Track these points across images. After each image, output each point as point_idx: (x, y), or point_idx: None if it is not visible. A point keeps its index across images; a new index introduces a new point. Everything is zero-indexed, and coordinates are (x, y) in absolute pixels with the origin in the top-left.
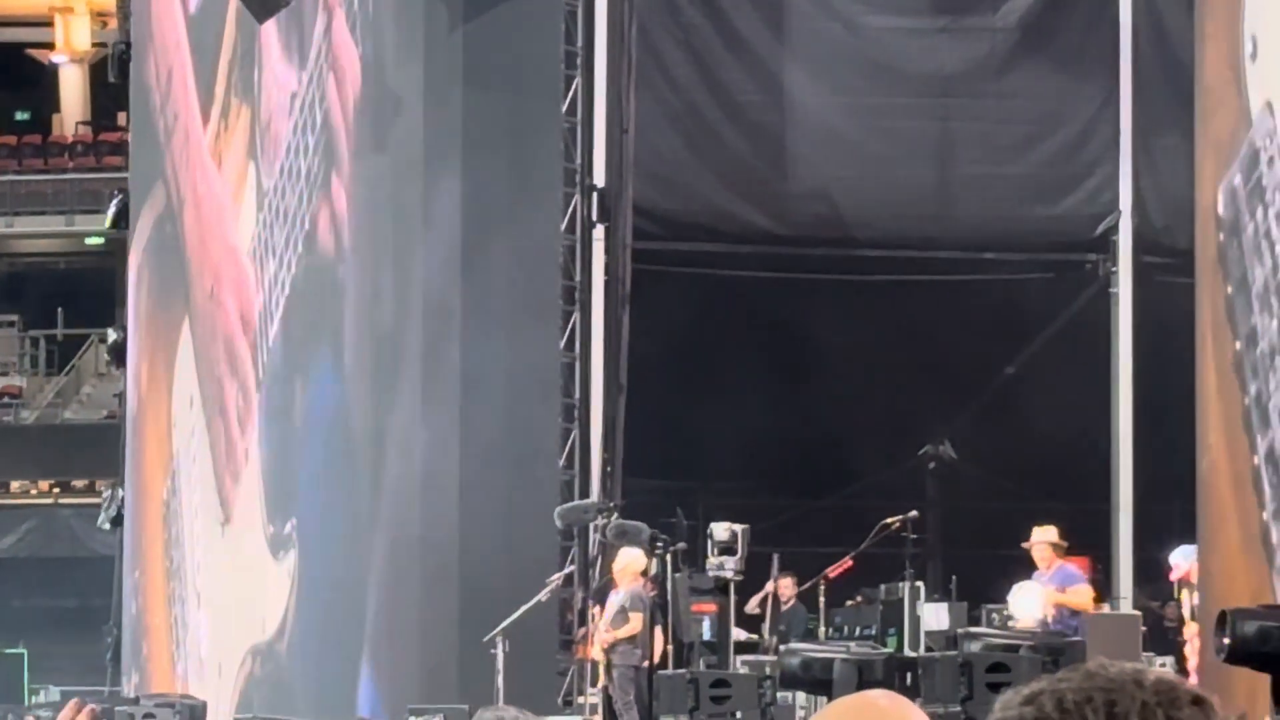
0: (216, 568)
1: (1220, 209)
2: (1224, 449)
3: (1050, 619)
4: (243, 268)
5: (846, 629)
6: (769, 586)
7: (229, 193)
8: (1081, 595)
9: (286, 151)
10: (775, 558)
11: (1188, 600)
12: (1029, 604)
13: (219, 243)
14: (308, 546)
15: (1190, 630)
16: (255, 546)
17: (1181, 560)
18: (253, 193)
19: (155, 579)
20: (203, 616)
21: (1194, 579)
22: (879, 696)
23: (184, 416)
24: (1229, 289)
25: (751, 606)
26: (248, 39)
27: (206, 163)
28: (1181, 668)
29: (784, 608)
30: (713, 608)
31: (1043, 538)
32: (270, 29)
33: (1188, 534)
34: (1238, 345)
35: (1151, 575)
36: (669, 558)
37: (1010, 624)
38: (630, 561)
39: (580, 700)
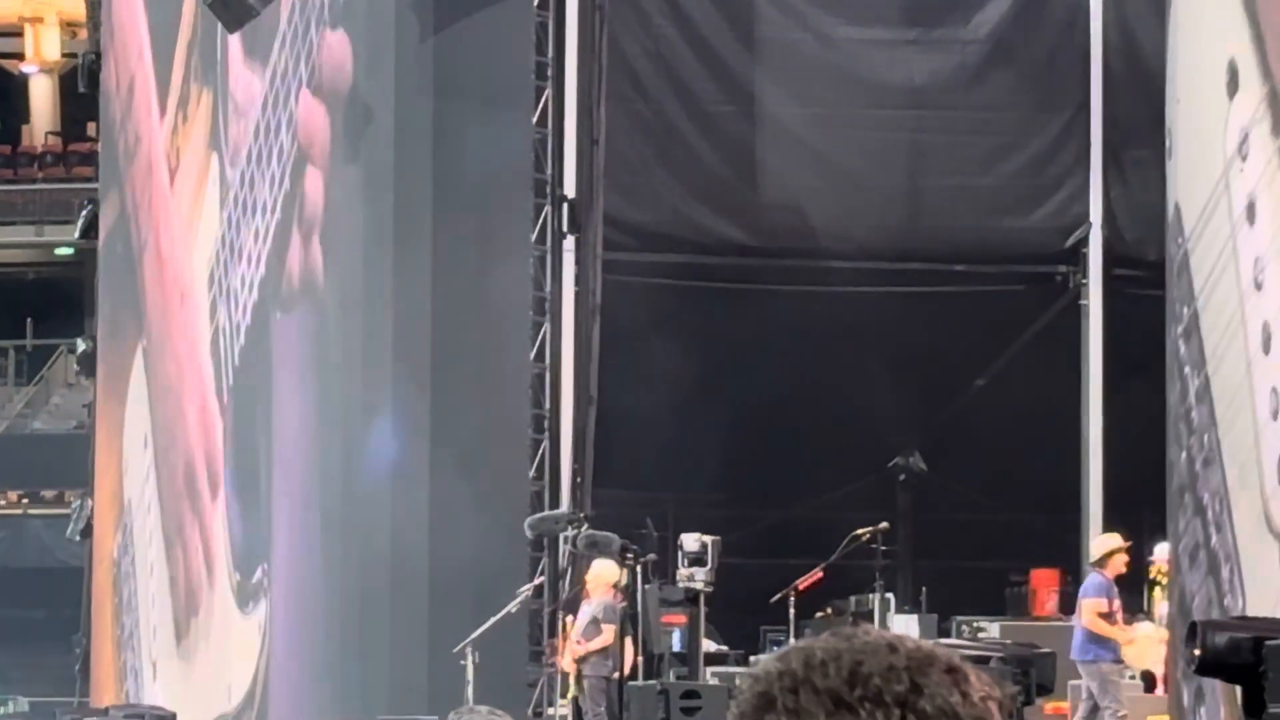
0: (174, 632)
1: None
2: None
3: None
4: (209, 395)
5: None
6: None
7: (189, 194)
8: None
9: (256, 134)
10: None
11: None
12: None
13: (187, 344)
14: (280, 593)
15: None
16: (221, 602)
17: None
18: (215, 187)
19: (104, 651)
20: (158, 690)
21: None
22: None
23: (136, 458)
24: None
25: None
26: (210, 16)
27: (171, 212)
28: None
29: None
30: (683, 619)
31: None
32: None
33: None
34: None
35: (1122, 586)
36: (639, 569)
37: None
38: (603, 572)
39: (550, 711)
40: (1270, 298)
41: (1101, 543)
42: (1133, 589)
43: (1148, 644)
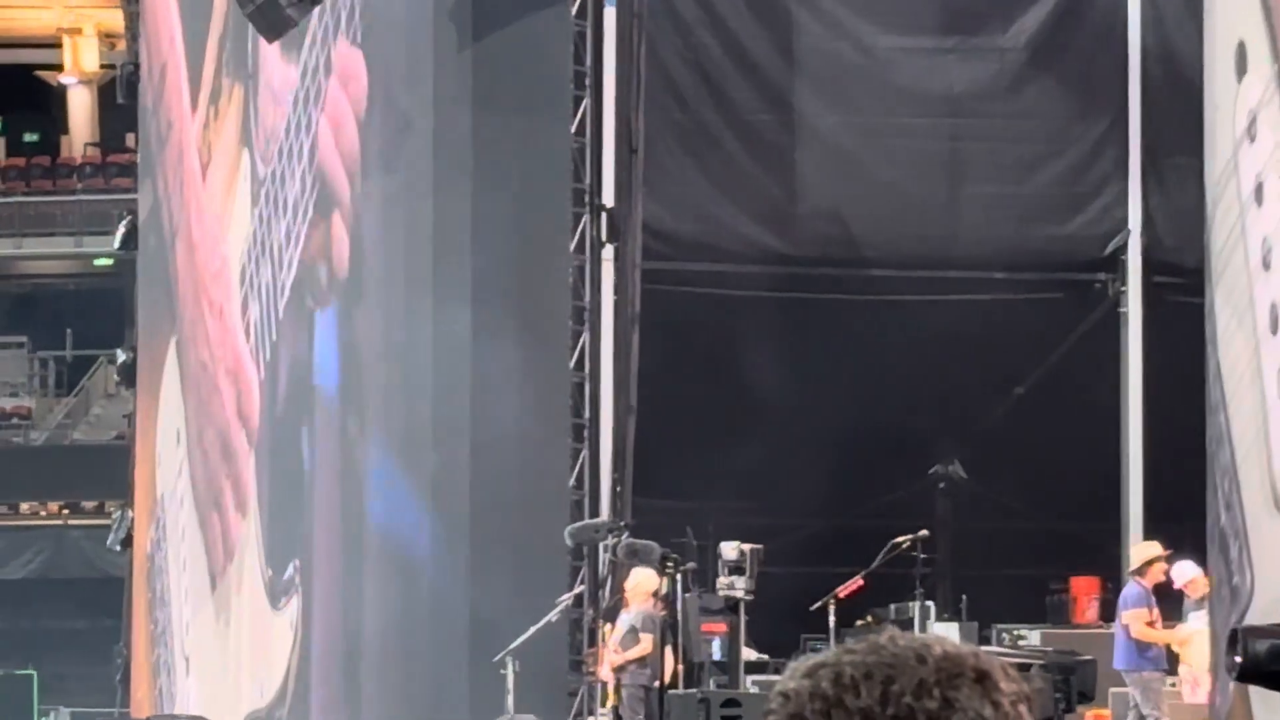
0: (207, 626)
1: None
2: None
3: None
4: (242, 354)
5: None
6: None
7: (221, 189)
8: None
9: (287, 131)
10: None
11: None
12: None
13: (217, 318)
14: (312, 589)
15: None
16: (253, 599)
17: (1188, 571)
18: (246, 183)
19: (139, 645)
20: (192, 685)
21: (1193, 593)
22: None
23: (169, 454)
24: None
25: None
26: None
27: (203, 201)
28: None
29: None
30: (723, 628)
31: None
32: None
33: (1198, 554)
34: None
35: (1162, 596)
36: (679, 577)
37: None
38: (643, 581)
39: None
40: (1278, 277)
41: (1141, 551)
42: (1172, 599)
43: (1202, 640)
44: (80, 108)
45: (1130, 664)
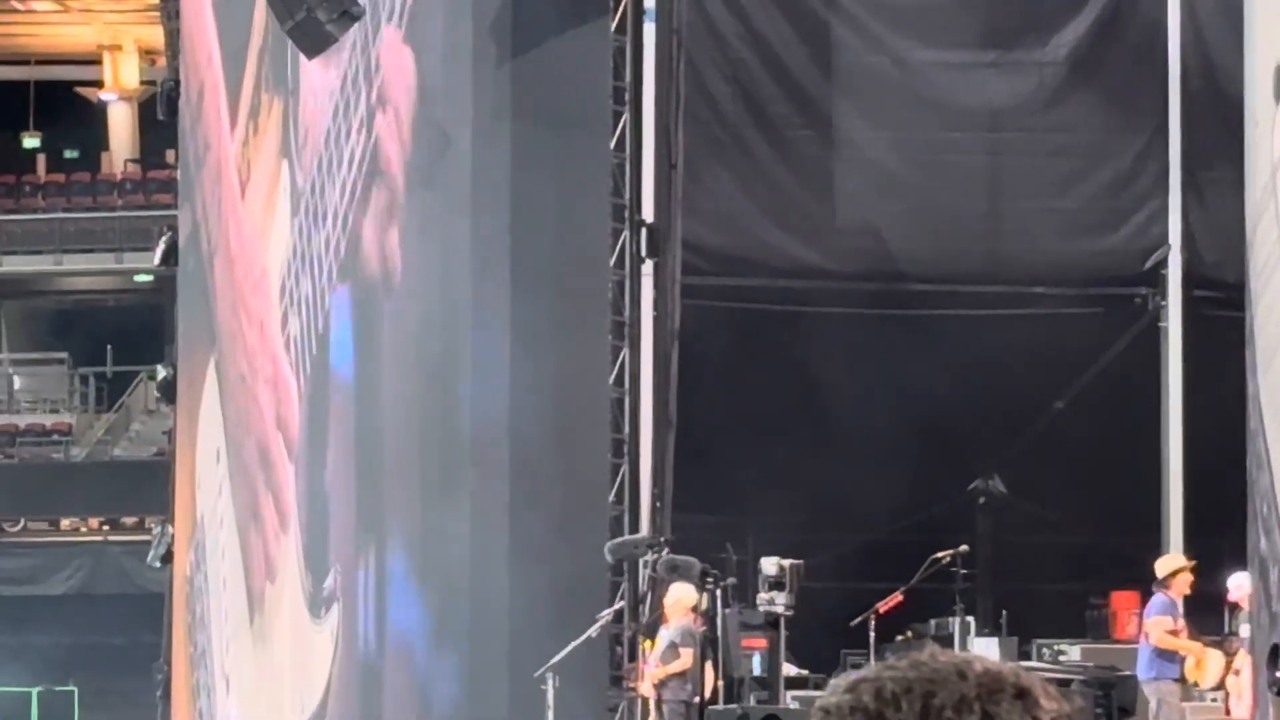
0: (247, 645)
1: None
2: None
3: None
4: (280, 363)
5: None
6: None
7: (260, 204)
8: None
9: (326, 141)
10: None
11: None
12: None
13: (256, 330)
14: (351, 598)
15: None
16: (294, 612)
17: (1244, 582)
18: (286, 196)
19: (179, 669)
20: (232, 704)
21: (1246, 606)
22: None
23: (209, 473)
24: None
25: None
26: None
27: (242, 217)
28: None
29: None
30: (763, 643)
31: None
32: None
33: (1238, 568)
34: None
35: (1203, 609)
36: (719, 593)
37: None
38: (682, 596)
39: None
40: None
41: (1165, 563)
42: (1210, 611)
43: (1217, 664)
44: (121, 124)
45: (1150, 673)
